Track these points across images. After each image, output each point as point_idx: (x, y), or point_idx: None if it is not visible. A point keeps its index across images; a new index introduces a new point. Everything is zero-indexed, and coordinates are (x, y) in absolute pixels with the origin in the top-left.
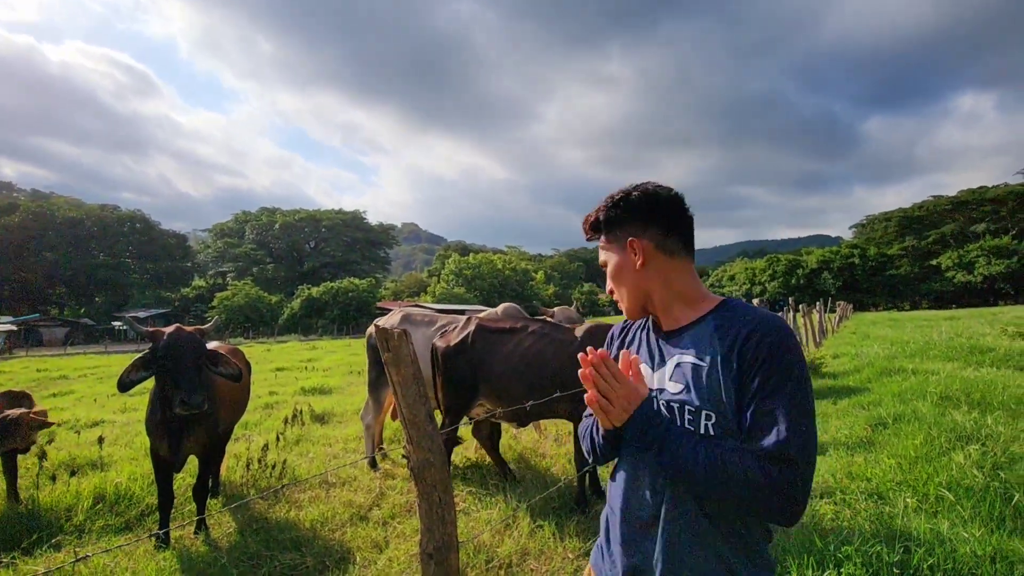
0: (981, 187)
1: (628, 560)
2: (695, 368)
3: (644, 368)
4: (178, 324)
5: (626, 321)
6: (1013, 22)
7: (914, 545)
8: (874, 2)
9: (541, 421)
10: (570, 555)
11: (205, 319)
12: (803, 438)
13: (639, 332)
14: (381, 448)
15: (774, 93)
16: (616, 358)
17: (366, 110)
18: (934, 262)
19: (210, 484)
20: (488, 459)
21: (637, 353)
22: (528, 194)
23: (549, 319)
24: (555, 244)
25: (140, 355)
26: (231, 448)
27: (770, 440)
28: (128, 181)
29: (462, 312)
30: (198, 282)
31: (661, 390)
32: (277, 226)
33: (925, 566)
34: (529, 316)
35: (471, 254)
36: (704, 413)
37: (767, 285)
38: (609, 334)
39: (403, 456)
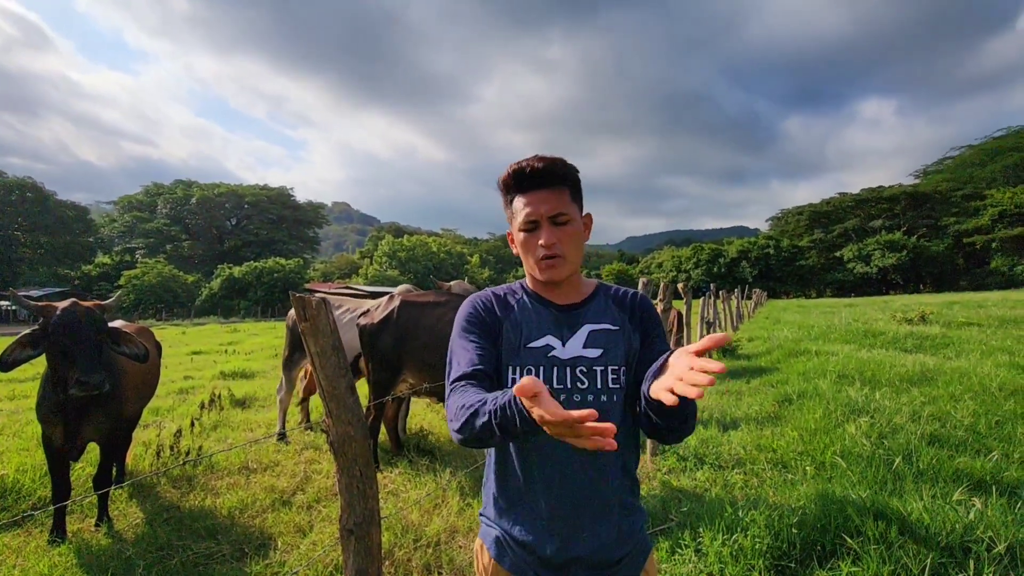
0: (879, 186)
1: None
2: (610, 333)
3: (547, 340)
4: (74, 299)
5: (506, 289)
6: (912, 35)
7: (810, 506)
8: (795, 9)
9: None
10: None
11: (109, 298)
12: None
13: (525, 306)
14: (307, 424)
15: (705, 88)
16: (499, 322)
17: (295, 80)
18: (838, 254)
19: (114, 473)
20: (429, 442)
21: (528, 324)
22: (465, 176)
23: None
24: (491, 228)
25: (28, 331)
26: (139, 435)
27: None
28: (17, 145)
29: (380, 295)
30: (102, 259)
31: (578, 357)
32: (194, 200)
33: (819, 525)
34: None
35: (405, 236)
36: (622, 369)
37: (692, 272)
38: (486, 300)
39: (322, 430)
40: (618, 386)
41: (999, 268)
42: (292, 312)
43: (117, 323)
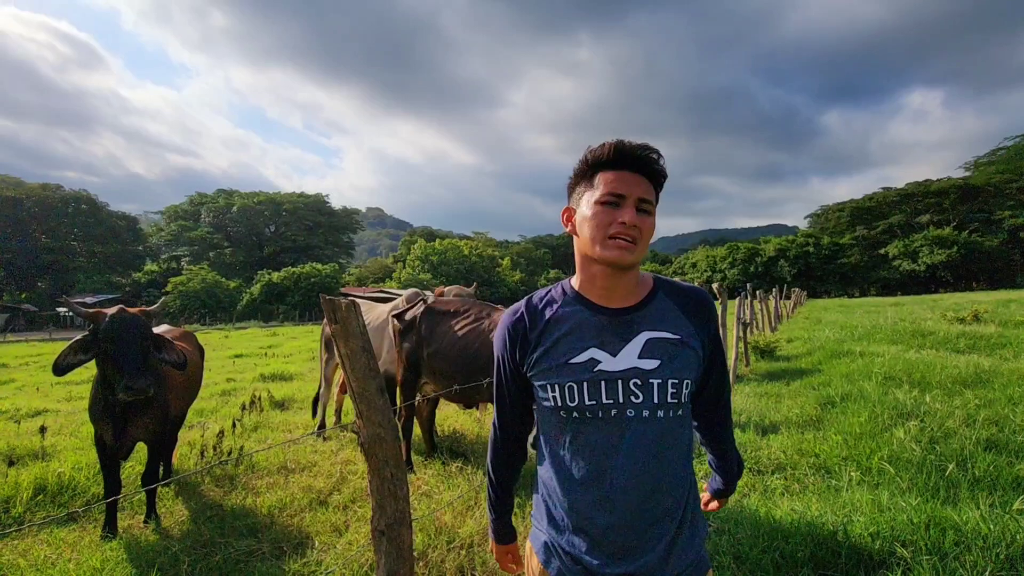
0: (926, 180)
1: None
2: (671, 343)
3: (591, 353)
4: (121, 305)
5: (544, 298)
6: (958, 26)
7: (856, 514)
8: (832, 2)
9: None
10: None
11: (138, 307)
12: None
13: (566, 315)
14: (338, 424)
15: (737, 86)
16: (532, 345)
17: (328, 90)
18: (882, 251)
19: (161, 472)
20: (459, 443)
21: (568, 338)
22: (494, 180)
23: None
24: (522, 231)
25: (79, 337)
26: (184, 435)
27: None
28: (72, 160)
29: (395, 296)
30: (150, 267)
31: (632, 368)
32: (235, 209)
33: (867, 533)
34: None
35: (437, 240)
36: (685, 382)
37: (727, 272)
38: (518, 323)
39: (353, 431)
40: (677, 400)
41: None
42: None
43: (162, 328)
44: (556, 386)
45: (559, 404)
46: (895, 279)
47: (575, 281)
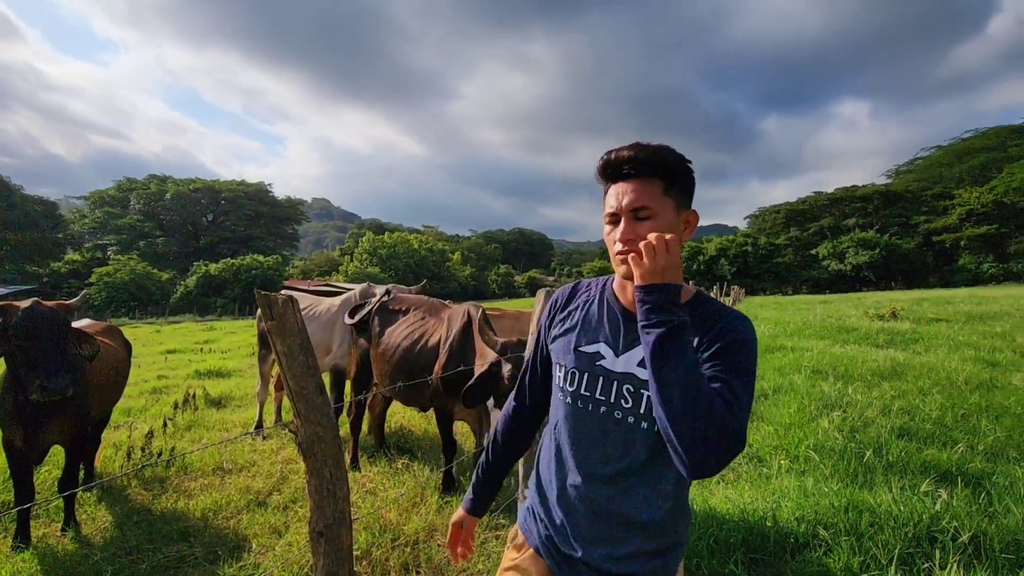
0: (853, 186)
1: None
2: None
3: (599, 347)
4: (36, 298)
5: (588, 283)
6: (886, 39)
7: (784, 500)
8: (774, 11)
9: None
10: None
11: (56, 301)
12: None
13: (592, 305)
14: (280, 423)
15: (684, 88)
16: (552, 320)
17: (271, 74)
18: (813, 252)
19: (82, 476)
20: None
21: (586, 325)
22: (446, 173)
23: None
24: (473, 225)
25: None
26: (110, 436)
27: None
28: None
29: (344, 291)
30: (72, 256)
31: (628, 374)
32: (169, 196)
33: (793, 517)
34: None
35: (386, 233)
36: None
37: None
38: (561, 293)
39: (291, 431)
40: None
41: (966, 265)
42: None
43: (84, 322)
44: (563, 367)
45: (561, 385)
46: (824, 278)
47: (615, 282)
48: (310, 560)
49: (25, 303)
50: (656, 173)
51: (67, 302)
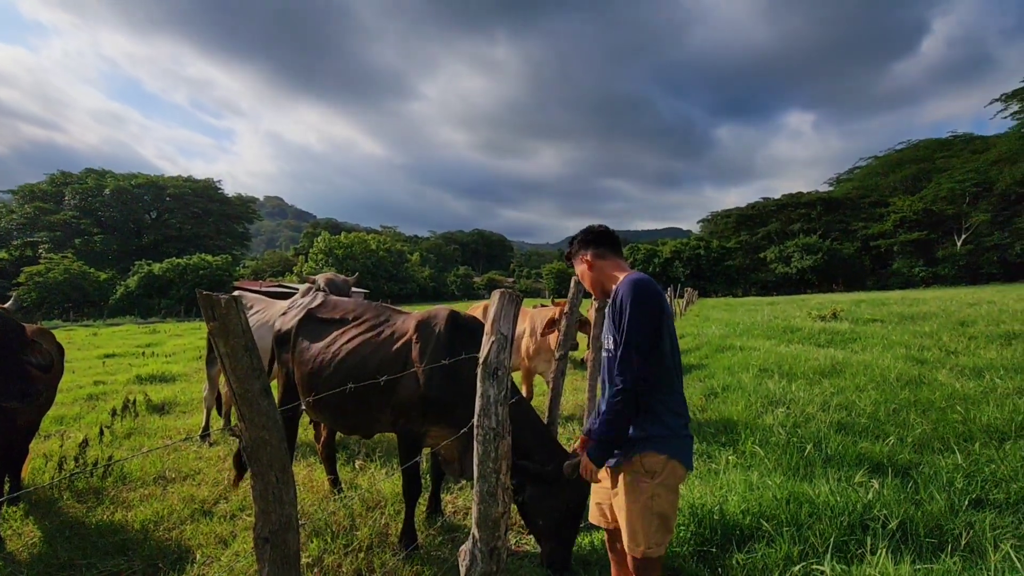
0: (798, 192)
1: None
2: (607, 318)
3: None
4: None
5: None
6: (829, 55)
7: (731, 494)
8: (727, 23)
9: None
10: (432, 532)
11: (7, 297)
12: (633, 343)
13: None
14: (228, 428)
15: (642, 95)
16: (603, 317)
17: (221, 66)
18: (761, 255)
19: (7, 489)
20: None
21: (606, 323)
22: (405, 173)
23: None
24: (432, 226)
25: None
26: (38, 447)
27: (620, 349)
28: None
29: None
30: None
31: (603, 335)
32: (108, 191)
33: (739, 510)
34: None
35: (343, 233)
36: (607, 342)
37: None
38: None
39: (235, 435)
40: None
41: (900, 269)
42: None
43: None
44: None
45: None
46: (772, 280)
47: None
48: (257, 571)
49: None
50: (569, 259)
51: (2, 306)
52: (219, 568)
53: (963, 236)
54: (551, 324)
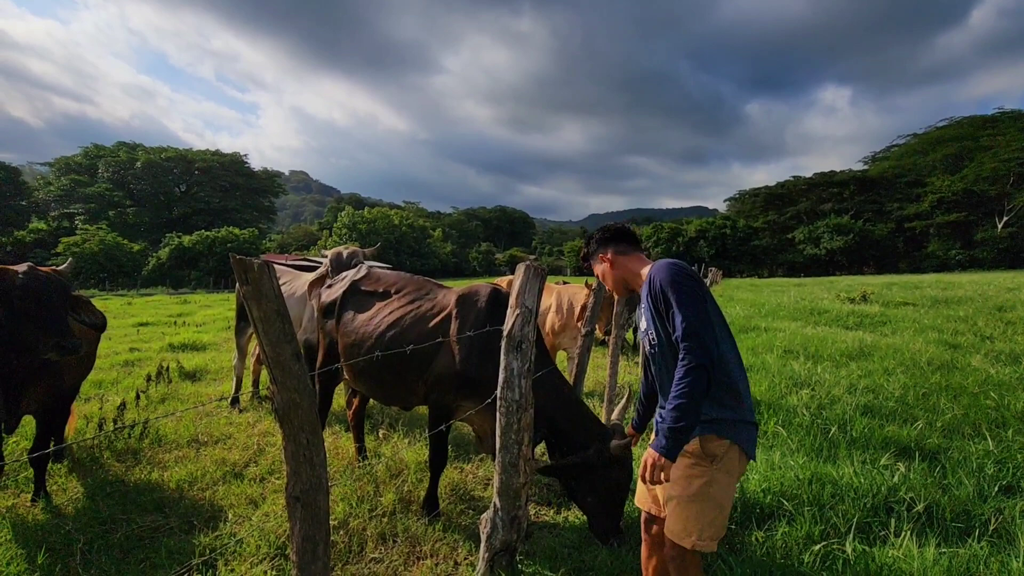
0: (831, 171)
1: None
2: (647, 310)
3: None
4: (30, 263)
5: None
6: (868, 26)
7: (752, 473)
8: None
9: None
10: (454, 500)
11: (49, 267)
12: (691, 320)
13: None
14: (256, 393)
15: (670, 69)
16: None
17: (247, 39)
18: (790, 235)
19: (52, 447)
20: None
21: (644, 315)
22: (428, 148)
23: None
24: (455, 202)
25: None
26: (81, 409)
27: (677, 332)
28: None
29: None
30: (37, 224)
31: (645, 329)
32: (139, 165)
33: (759, 489)
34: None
35: (366, 208)
36: (650, 335)
37: (651, 251)
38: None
39: (267, 397)
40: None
41: (935, 252)
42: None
43: None
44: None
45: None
46: (799, 261)
47: None
48: (287, 530)
49: (21, 267)
50: (587, 260)
51: (59, 268)
52: (250, 527)
53: (1005, 218)
54: (584, 310)
